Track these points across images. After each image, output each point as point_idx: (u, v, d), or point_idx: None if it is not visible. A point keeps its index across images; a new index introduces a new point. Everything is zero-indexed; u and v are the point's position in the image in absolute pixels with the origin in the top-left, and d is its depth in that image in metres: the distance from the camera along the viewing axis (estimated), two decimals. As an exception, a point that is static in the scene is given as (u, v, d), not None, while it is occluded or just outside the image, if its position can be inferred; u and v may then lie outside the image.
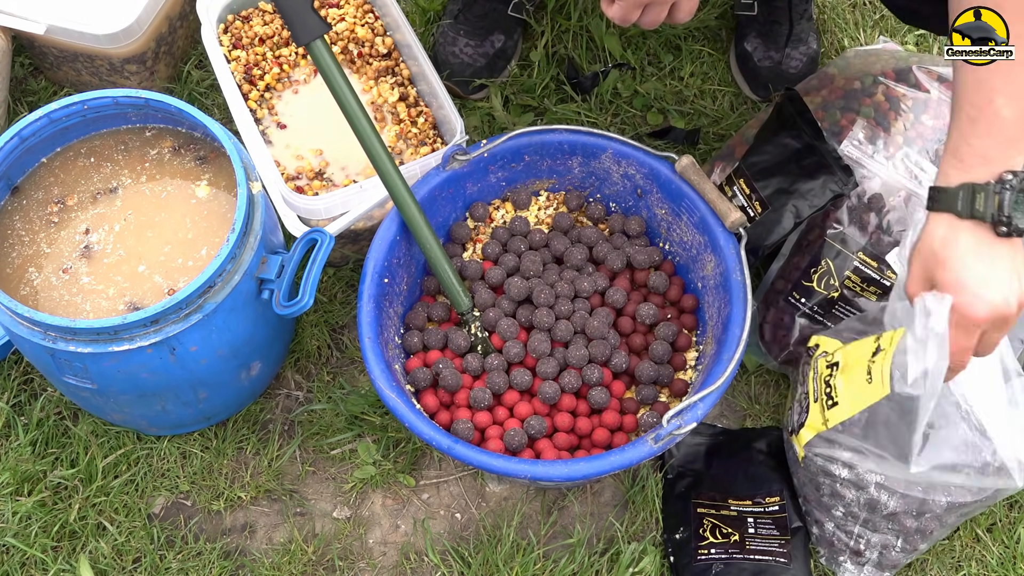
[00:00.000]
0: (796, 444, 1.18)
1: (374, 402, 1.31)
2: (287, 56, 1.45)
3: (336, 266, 1.41)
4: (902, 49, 1.42)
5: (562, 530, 1.26)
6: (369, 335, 1.15)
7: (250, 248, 1.11)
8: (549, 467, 1.07)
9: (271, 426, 1.32)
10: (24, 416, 1.29)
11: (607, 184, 1.32)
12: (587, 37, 1.57)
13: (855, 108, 1.30)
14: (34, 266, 1.15)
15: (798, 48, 1.53)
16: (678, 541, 1.21)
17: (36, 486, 1.24)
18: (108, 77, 1.48)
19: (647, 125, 1.54)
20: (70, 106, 1.17)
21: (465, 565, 1.23)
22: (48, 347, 1.07)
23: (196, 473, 1.28)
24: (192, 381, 1.15)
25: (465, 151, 1.26)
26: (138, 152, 1.22)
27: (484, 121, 1.52)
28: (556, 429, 1.20)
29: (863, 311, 1.25)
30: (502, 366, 1.22)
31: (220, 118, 1.51)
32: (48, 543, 1.21)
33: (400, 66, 1.45)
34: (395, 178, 1.18)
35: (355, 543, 1.25)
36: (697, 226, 1.24)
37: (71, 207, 1.19)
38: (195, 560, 1.23)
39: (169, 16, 1.48)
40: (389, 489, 1.28)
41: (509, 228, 1.32)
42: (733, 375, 1.10)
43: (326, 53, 1.14)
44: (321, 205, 1.26)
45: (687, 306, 1.27)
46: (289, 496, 1.27)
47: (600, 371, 1.21)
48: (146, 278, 1.14)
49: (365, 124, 1.16)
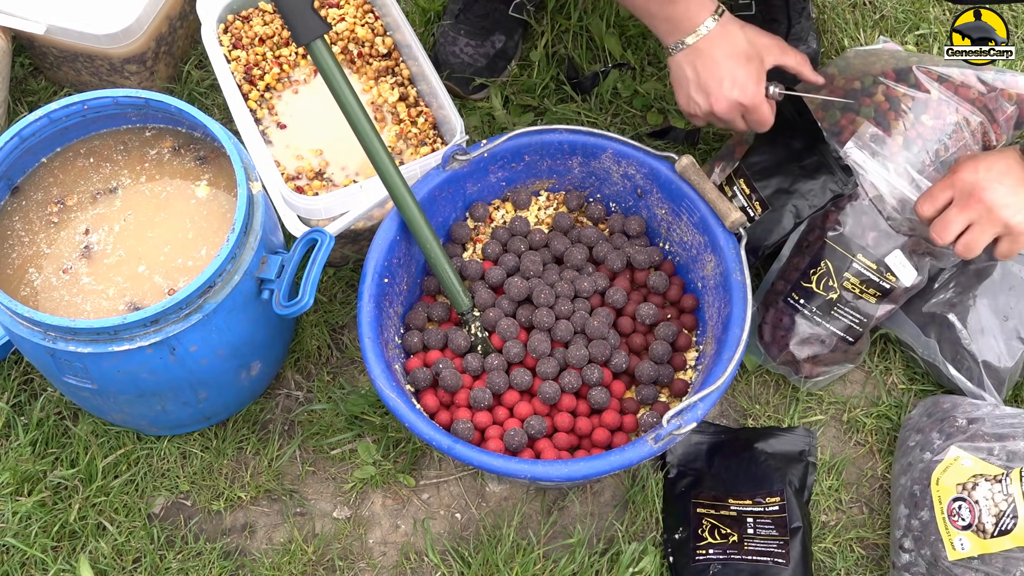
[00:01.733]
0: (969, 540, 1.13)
1: (374, 402, 1.31)
2: (287, 56, 1.45)
3: (336, 266, 1.41)
4: (902, 49, 1.42)
5: (562, 530, 1.26)
6: (369, 335, 1.15)
7: (250, 248, 1.11)
8: (549, 467, 1.07)
9: (271, 426, 1.32)
10: (24, 416, 1.29)
11: (607, 184, 1.32)
12: (587, 37, 1.57)
13: (855, 108, 1.30)
14: (34, 266, 1.15)
15: (798, 47, 1.52)
16: (677, 541, 1.21)
17: (36, 486, 1.24)
18: (108, 77, 1.48)
19: (647, 125, 1.54)
20: (70, 106, 1.17)
21: (465, 565, 1.23)
22: (48, 347, 1.07)
23: (196, 473, 1.28)
24: (192, 381, 1.15)
25: (465, 151, 1.26)
26: (138, 152, 1.22)
27: (484, 121, 1.52)
28: (556, 429, 1.20)
29: (865, 315, 1.25)
30: (502, 366, 1.22)
31: (220, 118, 1.51)
32: (48, 543, 1.21)
33: (400, 66, 1.45)
34: (395, 178, 1.18)
35: (355, 543, 1.25)
36: (697, 226, 1.24)
37: (71, 207, 1.19)
38: (195, 560, 1.23)
39: (169, 16, 1.48)
40: (389, 489, 1.28)
41: (509, 228, 1.32)
42: (733, 375, 1.10)
43: (326, 53, 1.14)
44: (321, 205, 1.26)
45: (687, 306, 1.27)
46: (289, 496, 1.27)
47: (600, 371, 1.21)
48: (146, 278, 1.14)
49: (365, 124, 1.16)
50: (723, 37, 1.15)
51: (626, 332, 1.27)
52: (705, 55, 1.16)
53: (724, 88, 1.16)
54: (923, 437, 1.22)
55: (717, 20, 1.15)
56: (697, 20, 1.15)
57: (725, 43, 1.15)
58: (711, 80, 1.16)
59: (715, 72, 1.16)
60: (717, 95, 1.16)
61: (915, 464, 1.20)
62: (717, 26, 1.15)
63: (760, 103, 1.17)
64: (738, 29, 1.16)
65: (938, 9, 1.65)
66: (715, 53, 1.15)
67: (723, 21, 1.15)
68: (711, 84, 1.16)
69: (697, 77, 1.17)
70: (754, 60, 1.16)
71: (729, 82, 1.15)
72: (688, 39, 1.15)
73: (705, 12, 1.15)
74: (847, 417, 1.33)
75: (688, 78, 1.18)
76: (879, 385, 1.35)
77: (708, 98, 1.17)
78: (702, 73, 1.17)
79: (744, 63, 1.15)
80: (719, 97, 1.16)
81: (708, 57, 1.16)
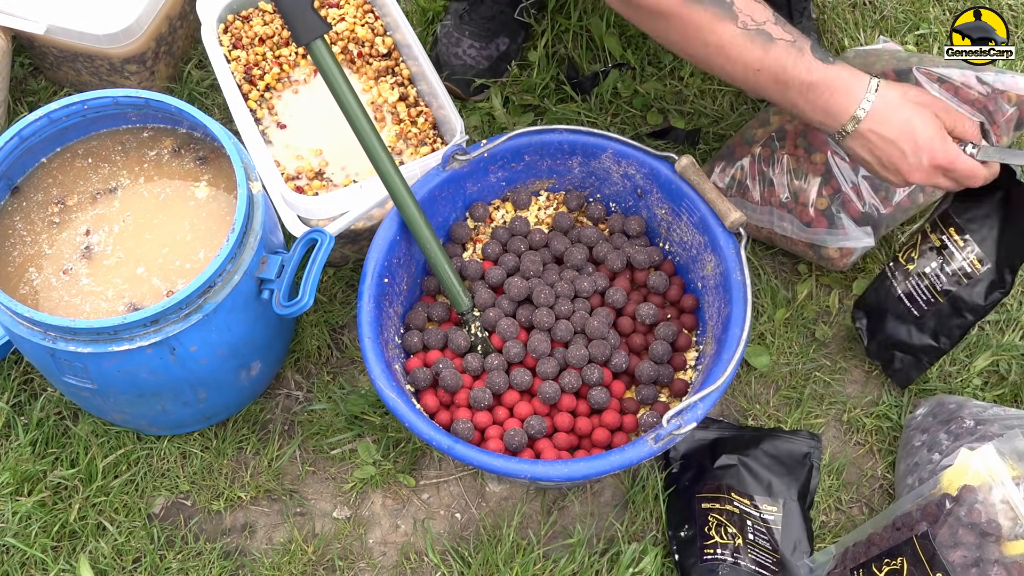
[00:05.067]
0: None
1: (374, 402, 1.31)
2: (287, 56, 1.45)
3: (336, 266, 1.41)
4: (902, 49, 1.42)
5: (562, 530, 1.26)
6: (369, 335, 1.15)
7: (250, 248, 1.11)
8: (549, 467, 1.07)
9: (271, 426, 1.32)
10: (24, 416, 1.29)
11: (607, 184, 1.32)
12: (587, 37, 1.57)
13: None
14: (35, 266, 1.15)
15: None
16: (683, 539, 1.21)
17: (36, 486, 1.24)
18: (108, 77, 1.48)
19: (647, 125, 1.54)
20: (70, 106, 1.17)
21: (465, 565, 1.23)
22: (48, 347, 1.07)
23: (196, 473, 1.28)
24: (192, 381, 1.15)
25: (465, 151, 1.26)
26: (137, 153, 1.22)
27: (484, 121, 1.52)
28: (556, 429, 1.20)
29: None
30: (502, 366, 1.22)
31: (220, 118, 1.51)
32: (48, 543, 1.21)
33: (400, 66, 1.45)
34: (395, 178, 1.18)
35: (355, 543, 1.25)
36: (697, 226, 1.24)
37: (71, 207, 1.19)
38: (195, 560, 1.23)
39: (169, 16, 1.48)
40: (389, 489, 1.28)
41: (509, 228, 1.32)
42: (733, 375, 1.10)
43: (326, 53, 1.14)
44: (321, 205, 1.26)
45: (687, 306, 1.27)
46: (289, 496, 1.27)
47: (600, 371, 1.21)
48: (144, 280, 1.14)
49: (365, 124, 1.16)
50: (886, 109, 1.06)
51: (626, 332, 1.27)
52: (874, 137, 1.08)
53: (910, 161, 1.07)
54: (929, 437, 1.22)
55: (876, 94, 1.06)
56: (852, 105, 1.06)
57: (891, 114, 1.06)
58: (893, 158, 1.08)
59: (892, 150, 1.08)
60: (908, 170, 1.08)
61: (922, 464, 1.20)
62: (877, 99, 1.06)
63: (955, 158, 1.07)
64: (898, 96, 1.07)
65: (938, 9, 1.65)
66: (883, 131, 1.07)
67: (881, 93, 1.06)
68: (895, 162, 1.08)
69: (878, 160, 1.10)
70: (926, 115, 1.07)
71: (912, 153, 1.07)
72: (848, 126, 1.08)
73: (859, 89, 1.06)
74: (847, 417, 1.33)
75: (870, 162, 1.11)
76: (879, 385, 1.35)
77: (901, 175, 1.09)
78: (881, 156, 1.09)
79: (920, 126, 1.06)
80: (910, 170, 1.08)
81: (878, 137, 1.08)
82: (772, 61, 1.05)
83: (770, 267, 1.43)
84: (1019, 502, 1.02)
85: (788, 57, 1.05)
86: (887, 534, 1.12)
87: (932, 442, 1.21)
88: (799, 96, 1.07)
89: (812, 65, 1.05)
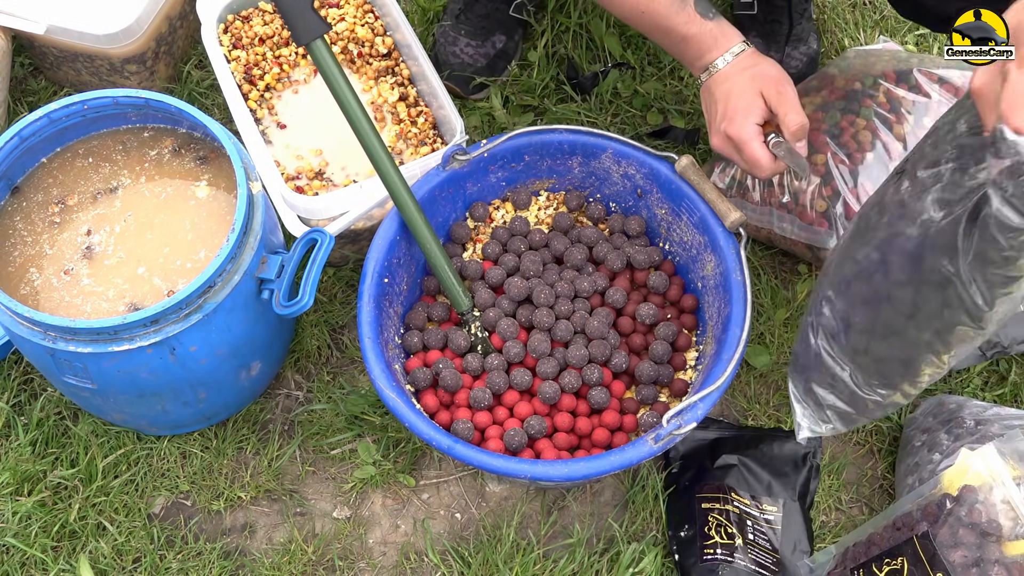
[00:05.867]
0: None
1: (374, 402, 1.31)
2: (287, 56, 1.45)
3: (336, 266, 1.41)
4: (902, 49, 1.42)
5: (562, 530, 1.26)
6: (369, 335, 1.15)
7: (250, 248, 1.11)
8: (549, 467, 1.07)
9: (271, 426, 1.32)
10: (24, 416, 1.29)
11: (607, 184, 1.32)
12: (587, 37, 1.58)
13: (855, 109, 1.30)
14: (35, 266, 1.15)
15: (798, 48, 1.53)
16: (683, 539, 1.21)
17: (36, 486, 1.24)
18: (108, 77, 1.48)
19: (647, 125, 1.54)
20: (70, 106, 1.17)
21: (465, 565, 1.23)
22: (48, 347, 1.07)
23: (196, 473, 1.28)
24: (192, 381, 1.15)
25: (465, 151, 1.26)
26: (137, 152, 1.22)
27: (484, 121, 1.52)
28: (556, 429, 1.20)
29: None
30: (502, 366, 1.22)
31: (220, 118, 1.51)
32: (48, 543, 1.21)
33: (400, 66, 1.45)
34: (395, 178, 1.18)
35: (355, 543, 1.25)
36: (697, 226, 1.24)
37: (72, 207, 1.19)
38: (195, 560, 1.23)
39: (169, 16, 1.48)
40: (389, 489, 1.28)
41: (509, 228, 1.32)
42: (733, 375, 1.10)
43: (326, 53, 1.14)
44: (321, 205, 1.26)
45: (687, 306, 1.27)
46: (289, 496, 1.27)
47: (600, 371, 1.21)
48: (145, 280, 1.14)
49: (365, 124, 1.16)
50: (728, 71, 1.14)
51: (626, 332, 1.27)
52: (707, 93, 1.17)
53: (715, 124, 1.15)
54: (930, 437, 1.22)
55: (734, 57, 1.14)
56: (710, 59, 1.15)
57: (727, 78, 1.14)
58: (709, 115, 1.17)
59: (713, 110, 1.15)
60: (711, 132, 1.16)
61: (923, 464, 1.20)
62: (733, 61, 1.14)
63: (748, 139, 1.11)
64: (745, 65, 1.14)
65: (938, 9, 1.65)
66: (714, 90, 1.15)
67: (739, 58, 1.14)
68: (709, 121, 1.17)
69: (706, 115, 1.18)
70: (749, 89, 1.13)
71: (720, 116, 1.14)
72: (702, 76, 1.17)
73: (722, 48, 1.15)
74: (847, 417, 1.33)
75: (704, 115, 1.19)
76: (879, 385, 1.35)
77: (709, 135, 1.17)
78: (705, 112, 1.18)
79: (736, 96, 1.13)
80: (712, 133, 1.16)
81: (709, 94, 1.16)
82: (657, 5, 1.14)
83: (770, 267, 1.43)
84: (1020, 502, 1.02)
85: (672, 5, 1.14)
86: (887, 534, 1.12)
87: (932, 442, 1.21)
88: (674, 46, 1.17)
89: (691, 17, 1.14)
